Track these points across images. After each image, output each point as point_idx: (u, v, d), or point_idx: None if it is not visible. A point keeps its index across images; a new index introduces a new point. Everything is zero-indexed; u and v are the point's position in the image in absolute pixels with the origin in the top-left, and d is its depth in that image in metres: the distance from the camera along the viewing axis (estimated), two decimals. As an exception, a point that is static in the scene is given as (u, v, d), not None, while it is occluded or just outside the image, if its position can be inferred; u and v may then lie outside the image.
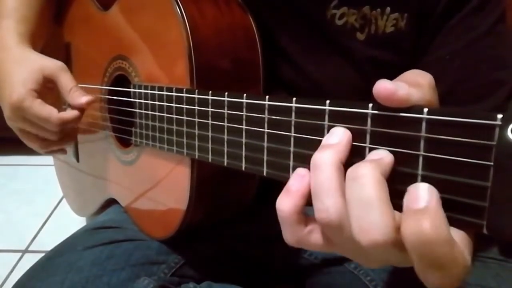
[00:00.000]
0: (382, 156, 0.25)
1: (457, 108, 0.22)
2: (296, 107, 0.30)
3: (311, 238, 0.28)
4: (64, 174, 0.82)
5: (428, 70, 0.35)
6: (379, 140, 0.26)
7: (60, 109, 0.54)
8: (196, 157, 0.42)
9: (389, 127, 0.25)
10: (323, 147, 0.27)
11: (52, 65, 0.55)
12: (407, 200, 0.23)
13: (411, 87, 0.25)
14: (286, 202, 0.28)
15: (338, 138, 0.27)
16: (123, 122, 0.57)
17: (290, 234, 0.29)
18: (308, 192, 0.28)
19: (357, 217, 0.24)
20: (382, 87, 0.25)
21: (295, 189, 0.28)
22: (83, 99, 0.53)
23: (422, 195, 0.23)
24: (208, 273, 0.53)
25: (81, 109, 0.54)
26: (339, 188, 0.26)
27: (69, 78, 0.55)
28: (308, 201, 0.28)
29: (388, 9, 0.48)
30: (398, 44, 0.50)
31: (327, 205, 0.26)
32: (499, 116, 0.20)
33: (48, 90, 0.55)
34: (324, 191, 0.26)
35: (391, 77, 0.30)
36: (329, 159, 0.26)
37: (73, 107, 0.54)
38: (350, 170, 0.25)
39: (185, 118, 0.42)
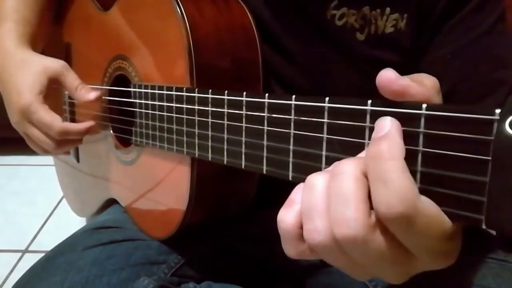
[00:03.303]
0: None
1: (456, 104, 0.22)
2: (295, 104, 0.30)
3: (312, 257, 0.28)
4: (64, 174, 0.82)
5: (429, 70, 0.35)
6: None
7: (61, 109, 0.54)
8: (196, 155, 0.42)
9: (388, 123, 0.25)
10: (321, 172, 0.27)
11: (55, 65, 0.55)
12: (374, 132, 0.25)
13: (413, 81, 0.26)
14: (288, 216, 0.27)
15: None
16: (123, 122, 0.57)
17: (290, 248, 0.28)
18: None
19: (334, 210, 0.25)
20: (385, 74, 0.25)
21: (297, 202, 0.27)
22: (92, 94, 0.54)
23: (384, 124, 0.24)
24: (208, 273, 0.53)
25: (91, 107, 0.55)
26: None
27: (73, 77, 0.55)
28: None
29: (388, 9, 0.48)
30: (398, 44, 0.50)
31: (317, 226, 0.26)
32: (497, 111, 0.20)
33: (50, 92, 0.55)
34: (316, 212, 0.26)
35: None
36: (323, 181, 0.26)
37: (81, 103, 0.55)
38: (334, 165, 0.26)
39: (185, 117, 0.42)
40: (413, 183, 0.23)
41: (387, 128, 0.24)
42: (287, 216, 0.27)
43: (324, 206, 0.26)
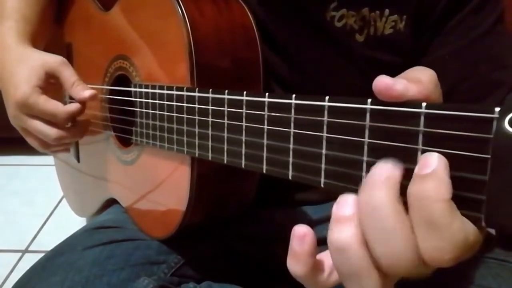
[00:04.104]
0: (390, 174, 0.24)
1: (455, 102, 0.22)
2: (295, 103, 0.30)
3: (332, 278, 0.28)
4: (64, 174, 0.82)
5: None
6: (378, 135, 0.26)
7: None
8: (196, 155, 0.42)
9: (388, 122, 0.25)
10: (338, 222, 0.25)
11: (52, 60, 0.55)
12: (417, 168, 0.23)
13: (410, 82, 0.26)
14: (297, 267, 0.27)
15: (351, 209, 0.25)
16: (124, 121, 0.57)
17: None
18: (314, 248, 0.27)
19: (384, 251, 0.23)
20: (381, 81, 0.25)
21: (300, 252, 0.26)
22: (86, 93, 0.54)
23: (431, 161, 0.23)
24: (208, 273, 0.53)
25: (90, 100, 0.54)
26: (371, 263, 0.25)
27: (70, 72, 0.55)
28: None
29: (387, 11, 0.48)
30: (397, 46, 0.50)
31: (366, 285, 0.25)
32: (497, 109, 0.20)
33: (50, 85, 0.55)
34: (357, 276, 0.25)
35: (390, 77, 0.30)
36: (350, 236, 0.25)
37: (76, 101, 0.54)
38: (364, 198, 0.24)
39: (185, 116, 0.43)
40: (463, 222, 0.22)
41: (434, 166, 0.22)
42: (296, 268, 0.26)
43: (366, 265, 0.24)
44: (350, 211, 0.25)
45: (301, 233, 0.26)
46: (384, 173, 0.24)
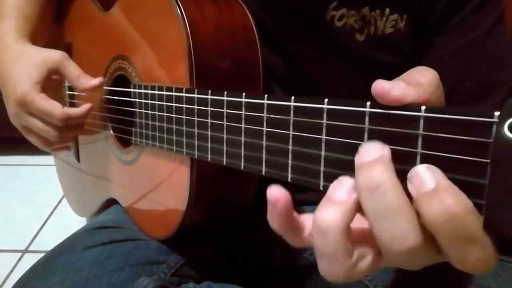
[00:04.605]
0: (382, 153, 0.24)
1: (455, 106, 0.22)
2: (294, 106, 0.30)
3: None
4: (64, 174, 0.82)
5: None
6: (377, 138, 0.25)
7: (60, 102, 0.54)
8: (196, 156, 0.42)
9: (387, 125, 0.25)
10: (328, 203, 0.25)
11: (54, 56, 0.55)
12: (414, 188, 0.23)
13: (409, 86, 0.26)
14: (274, 225, 0.26)
15: (345, 194, 0.25)
16: (123, 122, 0.57)
17: (292, 241, 0.28)
18: (287, 212, 0.26)
19: (386, 228, 0.23)
20: (378, 85, 0.25)
21: (273, 214, 0.26)
22: (94, 81, 0.54)
23: (425, 177, 0.22)
24: (208, 273, 0.53)
25: (98, 88, 0.55)
26: (347, 252, 0.24)
27: (74, 66, 0.55)
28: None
29: (388, 10, 0.48)
30: (397, 45, 0.50)
31: (334, 269, 0.25)
32: (496, 113, 0.20)
33: (50, 82, 0.55)
34: (331, 258, 0.25)
35: (390, 77, 0.30)
36: (334, 219, 0.24)
37: (82, 92, 0.54)
38: (362, 179, 0.24)
39: (184, 117, 0.43)
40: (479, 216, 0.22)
41: (434, 182, 0.22)
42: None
43: (341, 250, 0.24)
44: (344, 197, 0.25)
45: (272, 198, 0.26)
46: (376, 153, 0.24)
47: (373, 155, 0.24)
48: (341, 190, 0.25)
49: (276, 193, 0.26)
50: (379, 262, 0.25)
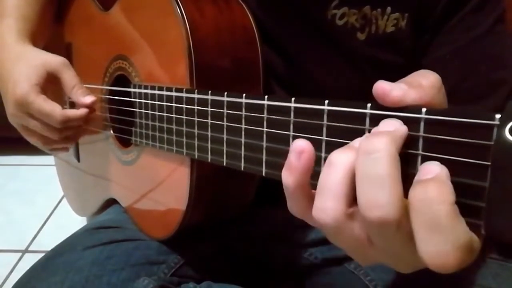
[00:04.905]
0: (396, 127, 0.24)
1: (455, 108, 0.22)
2: (295, 107, 0.30)
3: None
4: (65, 173, 0.82)
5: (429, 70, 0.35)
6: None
7: (61, 101, 0.54)
8: (196, 157, 0.42)
9: (387, 127, 0.25)
10: (346, 148, 0.26)
11: (54, 61, 0.55)
12: (418, 175, 0.23)
13: (410, 88, 0.26)
14: (289, 179, 0.27)
15: (349, 156, 0.25)
16: (123, 122, 0.57)
17: (296, 207, 0.28)
18: (308, 167, 0.26)
19: (366, 192, 0.23)
20: (379, 86, 0.25)
21: (294, 166, 0.26)
22: (86, 98, 0.54)
23: (432, 168, 0.23)
24: (208, 273, 0.53)
25: (89, 107, 0.54)
26: (345, 195, 0.25)
27: (72, 75, 0.54)
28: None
29: (389, 9, 0.48)
30: (398, 44, 0.50)
31: (327, 207, 0.25)
32: (497, 116, 0.20)
33: (50, 86, 0.55)
34: (330, 191, 0.25)
35: (391, 77, 0.30)
36: (346, 160, 0.25)
37: (76, 106, 0.54)
38: (364, 142, 0.24)
39: (184, 117, 0.42)
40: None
41: (437, 171, 0.22)
42: (287, 178, 0.26)
43: (341, 188, 0.24)
44: (348, 159, 0.25)
45: (299, 148, 0.26)
46: (392, 125, 0.24)
47: (388, 127, 0.24)
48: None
49: (303, 144, 0.26)
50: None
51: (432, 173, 0.22)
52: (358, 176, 0.24)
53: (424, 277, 0.28)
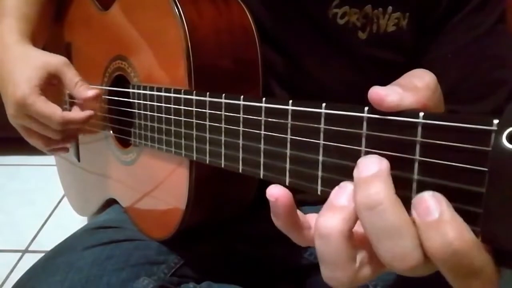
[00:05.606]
0: (380, 167, 0.24)
1: (453, 113, 0.22)
2: (292, 109, 0.30)
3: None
4: (66, 172, 0.82)
5: (429, 69, 0.35)
6: (375, 144, 0.25)
7: (61, 107, 0.54)
8: (194, 158, 0.42)
9: (384, 131, 0.25)
10: (330, 209, 0.25)
11: (55, 61, 0.55)
12: (418, 215, 0.22)
13: (405, 91, 0.25)
14: (277, 222, 0.26)
15: (347, 201, 0.25)
16: (122, 122, 0.57)
17: (295, 240, 0.28)
18: (289, 210, 0.26)
19: (386, 247, 0.23)
20: (374, 92, 0.25)
21: (275, 212, 0.26)
22: (90, 92, 0.54)
23: (429, 204, 0.22)
24: (208, 273, 0.53)
25: (89, 105, 0.55)
26: (350, 258, 0.24)
27: (73, 73, 0.55)
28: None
29: (390, 8, 0.48)
30: (399, 43, 0.50)
31: (337, 276, 0.25)
32: (495, 121, 0.20)
33: (50, 87, 0.55)
34: (333, 263, 0.25)
35: (392, 76, 0.30)
36: (335, 225, 0.24)
37: (80, 101, 0.54)
38: (362, 197, 0.23)
39: (183, 119, 0.42)
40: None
41: (439, 211, 0.22)
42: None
43: (343, 256, 0.24)
44: (345, 202, 0.25)
45: (272, 198, 0.26)
46: (374, 167, 0.24)
47: (371, 169, 0.24)
48: (342, 196, 0.25)
49: (275, 192, 0.26)
50: (383, 267, 0.25)
51: (434, 211, 0.22)
52: (373, 234, 0.23)
53: (424, 277, 0.28)
